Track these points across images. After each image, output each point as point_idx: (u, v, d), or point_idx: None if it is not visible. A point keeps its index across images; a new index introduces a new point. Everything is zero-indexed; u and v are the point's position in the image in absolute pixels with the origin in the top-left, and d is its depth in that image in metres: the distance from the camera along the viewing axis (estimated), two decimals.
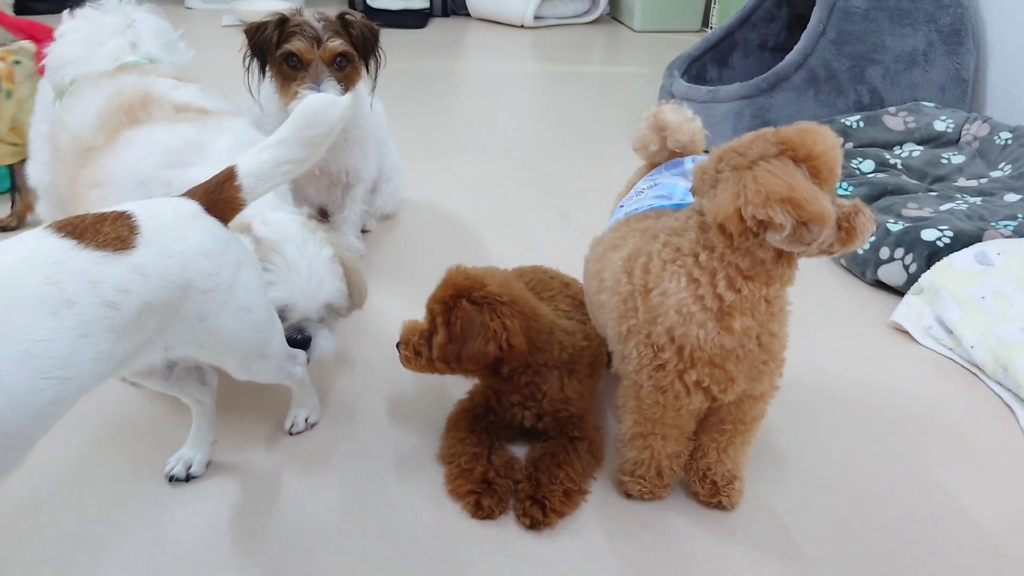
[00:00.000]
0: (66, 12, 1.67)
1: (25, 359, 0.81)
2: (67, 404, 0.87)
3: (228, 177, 1.06)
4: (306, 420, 1.37)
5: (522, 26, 4.79)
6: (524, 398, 1.29)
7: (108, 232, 0.90)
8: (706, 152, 1.09)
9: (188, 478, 1.25)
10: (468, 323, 1.19)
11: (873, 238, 1.91)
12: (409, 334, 1.27)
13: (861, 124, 2.50)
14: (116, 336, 0.89)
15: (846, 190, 2.17)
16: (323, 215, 2.10)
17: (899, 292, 1.87)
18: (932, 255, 1.81)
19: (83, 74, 1.56)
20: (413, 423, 1.41)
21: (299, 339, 1.31)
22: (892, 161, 2.36)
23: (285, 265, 1.24)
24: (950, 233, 1.83)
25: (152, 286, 0.92)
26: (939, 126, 2.47)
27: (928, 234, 1.84)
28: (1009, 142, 2.31)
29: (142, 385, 1.40)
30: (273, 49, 1.69)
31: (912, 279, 1.82)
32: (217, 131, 1.40)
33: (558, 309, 1.39)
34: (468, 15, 5.05)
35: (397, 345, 1.29)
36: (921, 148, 2.44)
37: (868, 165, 2.33)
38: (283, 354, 1.22)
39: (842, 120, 2.51)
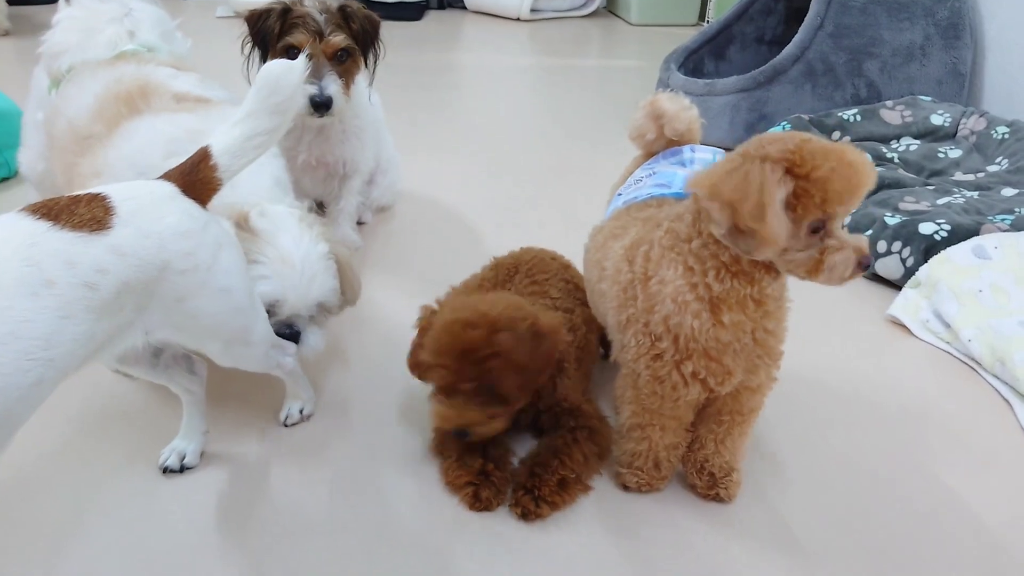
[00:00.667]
0: (62, 0, 1.65)
1: (10, 340, 0.81)
2: (49, 387, 0.87)
3: (203, 158, 1.05)
4: (300, 412, 1.37)
5: (518, 19, 4.78)
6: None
7: (83, 213, 0.90)
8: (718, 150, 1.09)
9: (183, 469, 1.24)
10: (519, 345, 1.12)
11: (870, 232, 1.91)
12: (466, 421, 1.15)
13: (858, 118, 2.49)
14: (96, 317, 0.89)
15: None
16: (319, 207, 2.09)
17: (896, 286, 1.87)
18: (929, 248, 1.81)
19: (80, 62, 1.55)
20: (408, 416, 1.40)
21: (287, 334, 1.30)
22: (889, 155, 2.35)
23: (279, 258, 1.23)
24: (947, 227, 1.83)
25: (129, 266, 0.91)
26: (936, 120, 2.47)
27: (925, 228, 1.83)
28: (1006, 136, 2.31)
29: (134, 376, 1.39)
30: (275, 39, 1.68)
31: (909, 273, 1.82)
32: (218, 120, 1.39)
33: (548, 296, 1.38)
34: (464, 7, 5.03)
35: (462, 435, 1.18)
36: (918, 142, 2.43)
37: None
38: (268, 341, 1.21)
39: (839, 114, 2.51)
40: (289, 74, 1.08)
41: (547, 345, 1.18)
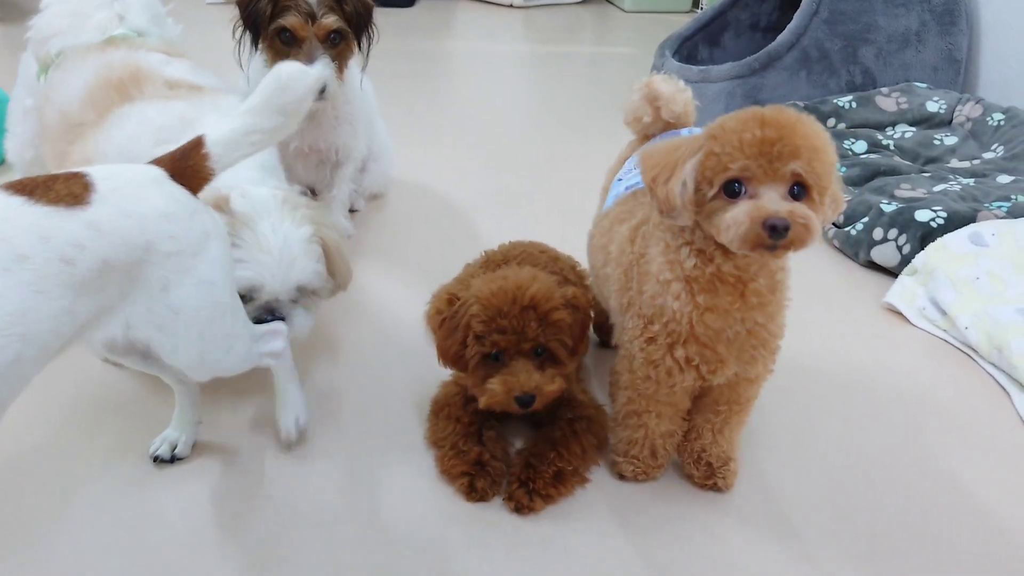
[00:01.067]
0: None
1: None
2: (31, 365, 0.85)
3: (195, 145, 1.04)
4: (296, 422, 1.29)
5: (511, 6, 4.74)
6: None
7: (60, 189, 0.89)
8: None
9: (173, 459, 1.23)
10: (577, 303, 1.19)
11: (866, 219, 1.90)
12: (533, 383, 1.14)
13: (854, 105, 2.48)
14: (75, 293, 0.87)
15: (839, 171, 2.16)
16: (311, 195, 2.07)
17: (892, 273, 1.86)
18: (926, 236, 1.80)
19: (70, 46, 1.53)
20: (401, 406, 1.39)
21: (269, 320, 1.27)
22: (885, 142, 2.34)
23: (256, 243, 1.21)
24: (944, 214, 1.82)
25: (109, 243, 0.90)
26: (932, 107, 2.46)
27: (922, 215, 1.83)
28: (1002, 123, 2.30)
29: (124, 366, 1.37)
30: (266, 22, 1.65)
31: (906, 260, 1.81)
32: (210, 108, 1.37)
33: None
34: None
35: (527, 402, 1.15)
36: (914, 129, 2.42)
37: (860, 146, 2.31)
38: (248, 337, 1.17)
39: (834, 101, 2.49)
40: (302, 77, 1.07)
41: (582, 317, 1.20)
